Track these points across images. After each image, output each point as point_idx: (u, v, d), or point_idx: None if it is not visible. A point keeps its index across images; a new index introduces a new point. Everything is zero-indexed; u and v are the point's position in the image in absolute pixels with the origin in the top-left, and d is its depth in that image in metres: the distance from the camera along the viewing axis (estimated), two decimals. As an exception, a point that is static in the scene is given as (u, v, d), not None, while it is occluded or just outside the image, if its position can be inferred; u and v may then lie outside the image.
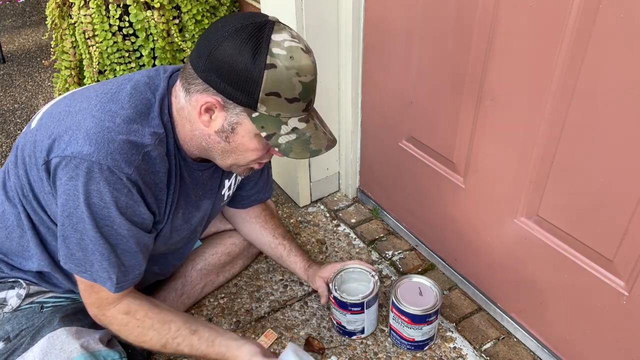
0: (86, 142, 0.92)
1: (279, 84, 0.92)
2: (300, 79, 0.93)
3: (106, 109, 0.96)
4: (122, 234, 0.99)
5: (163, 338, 1.08)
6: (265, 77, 0.91)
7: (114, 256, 1.00)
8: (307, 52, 0.95)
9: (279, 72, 0.91)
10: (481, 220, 1.35)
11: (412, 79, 1.40)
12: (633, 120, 0.92)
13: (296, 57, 0.92)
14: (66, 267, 1.01)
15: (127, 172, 0.94)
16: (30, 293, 1.11)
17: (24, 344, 1.06)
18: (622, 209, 1.00)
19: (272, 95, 0.93)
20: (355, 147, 1.75)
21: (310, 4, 1.47)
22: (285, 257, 1.43)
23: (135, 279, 1.06)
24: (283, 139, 0.96)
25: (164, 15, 1.78)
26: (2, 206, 1.09)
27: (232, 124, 0.97)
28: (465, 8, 1.17)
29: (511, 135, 1.17)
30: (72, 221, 0.96)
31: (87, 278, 1.01)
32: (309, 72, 0.95)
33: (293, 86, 0.93)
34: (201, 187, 1.15)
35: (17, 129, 2.35)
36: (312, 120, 1.01)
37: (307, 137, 0.98)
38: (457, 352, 1.33)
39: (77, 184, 0.93)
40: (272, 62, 0.90)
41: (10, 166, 1.08)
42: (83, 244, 0.98)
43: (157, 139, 0.99)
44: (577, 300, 1.16)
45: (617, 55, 0.91)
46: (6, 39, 3.29)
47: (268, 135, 0.96)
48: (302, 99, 0.96)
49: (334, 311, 1.34)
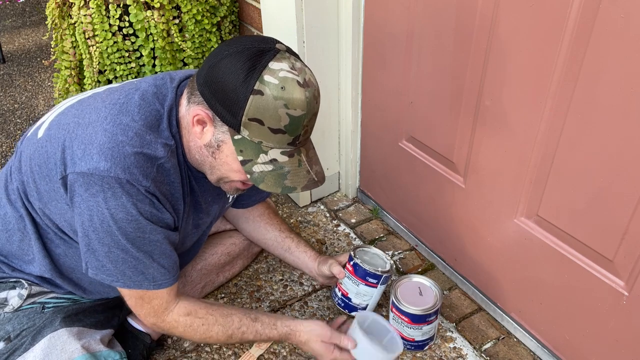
0: (102, 158, 0.93)
1: (263, 112, 0.91)
2: (288, 111, 0.92)
3: (117, 122, 0.96)
4: (154, 239, 1.00)
5: (229, 330, 1.11)
6: (250, 101, 0.90)
7: (151, 260, 1.01)
8: (303, 86, 0.93)
9: (265, 99, 0.90)
10: (481, 220, 1.35)
11: (412, 79, 1.41)
12: (633, 120, 0.92)
13: (288, 89, 0.91)
14: (97, 278, 1.02)
15: (145, 185, 0.95)
16: (32, 293, 1.11)
17: (25, 344, 1.06)
18: (622, 209, 1.00)
19: (255, 122, 0.92)
20: (355, 147, 1.75)
21: (310, 4, 1.47)
22: (294, 248, 1.41)
23: (175, 275, 1.07)
24: (258, 167, 0.96)
25: (164, 15, 1.78)
26: (4, 209, 1.09)
27: (218, 141, 0.97)
28: (465, 8, 1.17)
29: (511, 135, 1.17)
30: (99, 236, 0.97)
31: (121, 286, 1.02)
32: (300, 106, 0.93)
33: (279, 117, 0.92)
34: (209, 194, 1.16)
35: (17, 129, 2.34)
36: (298, 156, 0.99)
37: (284, 171, 0.97)
38: (457, 352, 1.33)
39: (99, 200, 0.93)
40: (260, 89, 0.90)
41: (13, 170, 1.08)
42: (113, 255, 0.98)
43: (169, 151, 0.99)
44: (577, 300, 1.16)
45: (617, 55, 0.91)
46: (6, 39, 3.28)
47: (244, 160, 0.95)
48: (288, 132, 0.94)
49: (345, 282, 1.32)
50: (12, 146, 2.23)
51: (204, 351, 1.33)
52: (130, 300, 1.06)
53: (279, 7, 1.53)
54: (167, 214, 1.02)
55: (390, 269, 1.32)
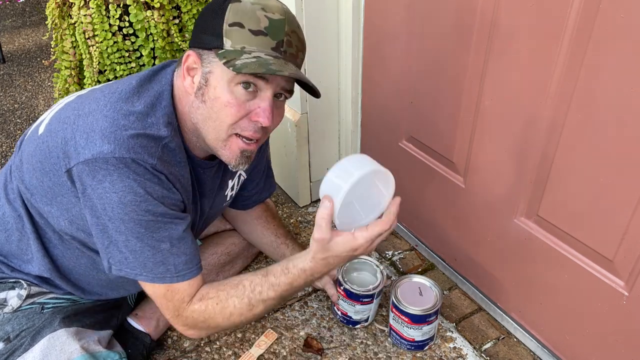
0: (104, 142, 0.91)
1: (242, 15, 0.93)
2: (266, 14, 0.94)
3: (117, 108, 0.95)
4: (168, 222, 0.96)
5: (245, 297, 1.04)
6: (229, 9, 0.93)
7: (168, 247, 0.97)
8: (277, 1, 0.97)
9: (243, 4, 0.94)
10: (481, 220, 1.35)
11: (412, 79, 1.40)
12: (633, 120, 0.92)
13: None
14: (122, 274, 0.98)
15: (151, 162, 0.92)
16: (31, 294, 1.11)
17: (24, 345, 1.06)
18: (622, 209, 1.00)
19: (235, 26, 0.93)
20: (355, 147, 1.75)
21: (310, 3, 1.47)
22: (289, 256, 1.42)
23: (198, 265, 1.02)
24: (240, 61, 0.91)
25: (164, 15, 1.78)
26: (3, 209, 1.09)
27: (206, 74, 0.96)
28: (465, 8, 1.17)
29: (511, 135, 1.17)
30: (115, 224, 0.94)
31: (145, 280, 0.98)
32: (278, 11, 0.95)
33: (258, 19, 0.93)
34: (202, 185, 1.14)
35: (17, 129, 2.35)
36: (282, 59, 0.94)
37: (268, 61, 0.92)
38: (457, 352, 1.33)
39: (105, 185, 0.91)
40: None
41: (14, 169, 1.07)
42: (130, 245, 0.95)
43: (172, 129, 0.98)
44: (577, 300, 1.16)
45: (617, 55, 0.91)
46: (6, 39, 3.29)
47: (227, 60, 0.91)
48: (270, 35, 0.94)
49: (341, 303, 1.35)
50: (12, 146, 2.23)
51: (204, 351, 1.33)
52: (157, 300, 1.02)
53: (278, 7, 1.52)
54: (177, 195, 0.99)
55: (381, 280, 1.33)
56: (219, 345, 1.35)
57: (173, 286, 1.00)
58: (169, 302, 1.02)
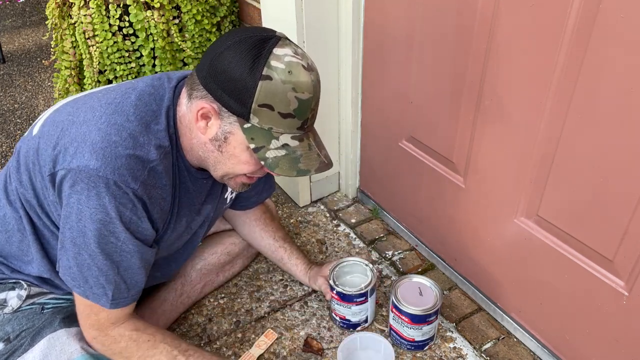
0: (93, 157, 0.91)
1: (273, 97, 0.91)
2: (296, 95, 0.92)
3: (112, 122, 0.95)
4: (126, 249, 0.98)
5: (174, 350, 1.06)
6: (260, 87, 0.90)
7: (115, 273, 0.99)
8: (308, 69, 0.94)
9: (274, 84, 0.91)
10: (481, 220, 1.35)
11: (412, 79, 1.40)
12: (633, 120, 0.92)
13: (295, 73, 0.92)
14: (63, 278, 1.01)
15: (133, 187, 0.93)
16: (31, 294, 1.11)
17: (24, 345, 1.06)
18: (622, 209, 1.00)
19: (265, 108, 0.92)
20: (355, 147, 1.75)
21: (310, 4, 1.47)
22: (286, 259, 1.44)
23: (134, 297, 1.04)
24: (271, 153, 0.95)
25: (164, 15, 1.78)
26: (3, 210, 1.09)
27: (226, 133, 0.96)
28: (465, 8, 1.17)
29: (511, 135, 1.17)
30: (73, 234, 0.95)
31: (79, 293, 1.00)
32: (307, 89, 0.94)
33: (288, 101, 0.92)
34: (204, 193, 1.15)
35: (17, 129, 2.35)
36: (307, 140, 0.99)
37: (297, 155, 0.97)
38: (457, 352, 1.33)
39: (81, 198, 0.92)
40: (269, 74, 0.90)
41: (12, 170, 1.07)
42: (80, 258, 0.97)
43: (163, 153, 0.98)
44: (577, 300, 1.16)
45: (617, 55, 0.91)
46: (6, 39, 3.29)
47: (256, 147, 0.95)
48: (297, 116, 0.95)
49: (337, 307, 1.35)
50: (12, 146, 2.23)
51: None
52: (80, 306, 1.04)
53: (279, 7, 1.53)
54: (147, 224, 0.99)
55: (372, 277, 1.33)
56: (219, 345, 1.35)
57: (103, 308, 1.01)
58: (93, 315, 1.02)
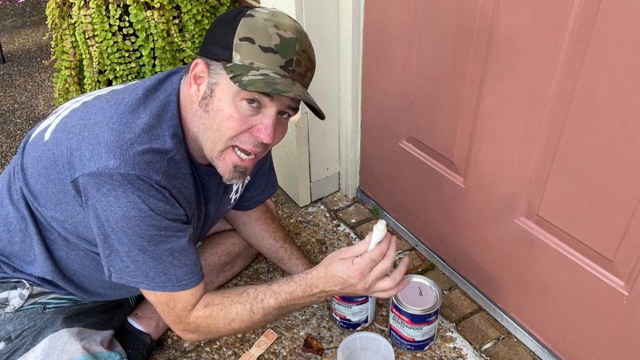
0: (110, 156, 0.91)
1: (254, 31, 0.93)
2: (278, 32, 0.93)
3: (123, 120, 0.95)
4: (171, 235, 0.98)
5: (247, 304, 1.05)
6: (241, 23, 0.93)
7: (170, 258, 0.99)
8: (291, 19, 0.97)
9: (256, 20, 0.94)
10: (481, 220, 1.35)
11: (412, 79, 1.41)
12: (633, 120, 0.92)
13: (277, 15, 0.96)
14: (123, 282, 1.00)
15: (156, 179, 0.93)
16: (33, 294, 1.11)
17: (26, 344, 1.06)
18: (622, 209, 1.00)
19: (246, 41, 0.93)
20: (355, 147, 1.75)
21: (310, 3, 1.47)
22: (287, 260, 1.43)
23: (198, 275, 1.04)
24: (247, 77, 0.91)
25: (164, 15, 1.78)
26: (6, 210, 1.08)
27: (212, 85, 0.96)
28: (465, 8, 1.17)
29: (511, 135, 1.17)
30: (117, 236, 0.95)
31: (145, 288, 1.00)
32: (290, 29, 0.95)
33: (269, 35, 0.93)
34: (207, 191, 1.15)
35: (17, 129, 2.34)
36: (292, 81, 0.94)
37: (276, 81, 0.91)
38: (457, 352, 1.33)
39: (110, 199, 0.92)
40: (251, 13, 0.94)
41: (17, 171, 1.07)
42: (133, 255, 0.97)
43: (178, 141, 0.99)
44: (577, 300, 1.16)
45: (617, 55, 0.91)
46: (6, 39, 3.28)
47: (234, 75, 0.91)
48: (280, 53, 0.93)
49: (337, 307, 1.35)
50: (12, 146, 2.23)
51: (203, 351, 1.33)
52: (158, 307, 1.04)
53: (278, 7, 1.52)
54: (180, 209, 1.00)
55: None
56: (219, 345, 1.35)
57: (175, 295, 1.02)
58: (170, 310, 1.03)
